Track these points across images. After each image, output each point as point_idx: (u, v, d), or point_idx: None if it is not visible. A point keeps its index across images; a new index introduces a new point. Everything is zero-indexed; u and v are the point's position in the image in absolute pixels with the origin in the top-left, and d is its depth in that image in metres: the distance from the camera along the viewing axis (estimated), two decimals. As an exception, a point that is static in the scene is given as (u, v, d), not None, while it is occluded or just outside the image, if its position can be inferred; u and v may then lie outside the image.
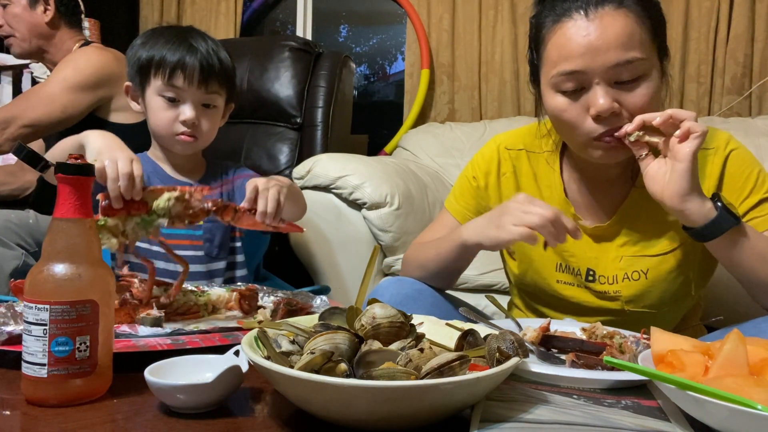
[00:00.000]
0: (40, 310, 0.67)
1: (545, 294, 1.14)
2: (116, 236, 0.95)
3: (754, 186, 1.02)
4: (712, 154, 1.04)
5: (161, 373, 0.69)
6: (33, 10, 1.89)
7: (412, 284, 1.11)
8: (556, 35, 0.96)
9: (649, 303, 1.07)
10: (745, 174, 1.03)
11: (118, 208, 0.96)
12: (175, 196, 0.96)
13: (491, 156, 1.17)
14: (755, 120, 2.27)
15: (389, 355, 0.64)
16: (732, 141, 1.06)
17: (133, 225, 0.96)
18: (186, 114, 1.28)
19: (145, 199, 0.97)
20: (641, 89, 0.93)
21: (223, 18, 3.11)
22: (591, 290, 1.09)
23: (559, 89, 0.97)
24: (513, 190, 1.14)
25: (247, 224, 1.04)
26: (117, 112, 1.82)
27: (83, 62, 1.80)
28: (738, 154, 1.04)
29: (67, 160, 0.71)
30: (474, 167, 1.19)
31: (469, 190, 1.19)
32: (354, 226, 1.85)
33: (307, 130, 2.23)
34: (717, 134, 1.07)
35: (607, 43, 0.91)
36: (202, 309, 1.04)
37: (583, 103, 0.95)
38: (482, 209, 1.16)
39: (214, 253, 1.33)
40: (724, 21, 2.45)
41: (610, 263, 1.07)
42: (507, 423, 0.61)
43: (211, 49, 1.30)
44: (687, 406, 0.63)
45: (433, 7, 2.82)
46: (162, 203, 0.96)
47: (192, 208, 0.98)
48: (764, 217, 1.01)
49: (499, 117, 2.68)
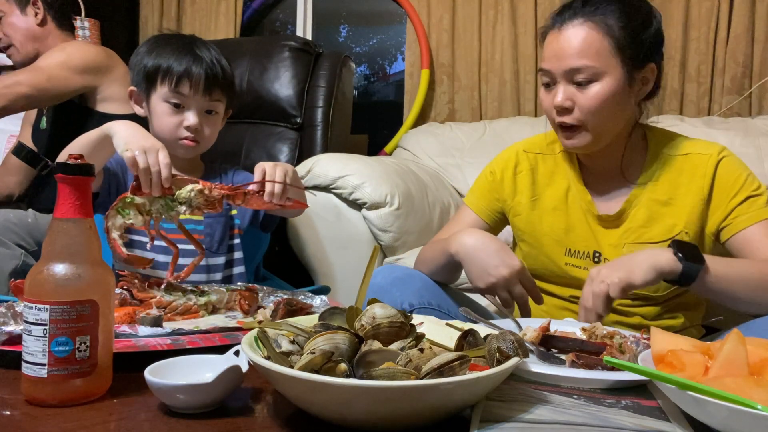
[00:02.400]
0: (40, 310, 0.67)
1: (554, 275, 1.25)
2: (142, 214, 1.06)
3: (742, 186, 1.14)
4: (706, 159, 1.16)
5: (161, 373, 0.69)
6: (25, 15, 1.92)
7: (404, 269, 1.21)
8: (546, 41, 1.16)
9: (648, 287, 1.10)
10: (734, 176, 1.14)
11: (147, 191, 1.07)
12: (198, 188, 1.08)
13: (509, 156, 1.32)
14: (755, 120, 2.26)
15: (389, 355, 0.64)
16: (725, 150, 1.18)
17: (158, 206, 1.08)
18: (190, 120, 1.33)
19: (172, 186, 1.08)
20: (590, 91, 1.10)
21: (223, 18, 3.11)
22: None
23: (542, 83, 1.17)
24: (528, 187, 1.27)
25: (257, 205, 1.15)
26: (104, 102, 1.87)
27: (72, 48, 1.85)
28: (729, 161, 1.16)
29: (67, 160, 0.71)
30: (493, 165, 1.34)
31: (485, 184, 1.33)
32: (354, 226, 1.85)
33: (307, 130, 2.23)
34: (713, 144, 1.20)
35: (565, 51, 1.11)
36: (202, 309, 1.04)
37: (552, 95, 1.14)
38: (497, 201, 1.30)
39: (213, 247, 1.36)
40: (724, 21, 2.44)
41: (614, 249, 1.18)
42: (507, 423, 0.61)
43: (214, 58, 1.36)
44: (687, 406, 0.63)
45: (433, 7, 2.81)
46: (185, 193, 1.08)
47: (209, 199, 1.09)
48: (750, 213, 1.11)
49: (499, 117, 2.67)
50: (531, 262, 1.26)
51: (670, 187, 1.17)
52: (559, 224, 1.23)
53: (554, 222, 1.24)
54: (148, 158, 1.06)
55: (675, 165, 1.18)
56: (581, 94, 1.10)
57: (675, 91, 2.52)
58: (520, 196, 1.27)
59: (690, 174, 1.16)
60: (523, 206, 1.27)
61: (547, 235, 1.24)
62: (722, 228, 1.14)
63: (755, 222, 1.11)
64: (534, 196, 1.26)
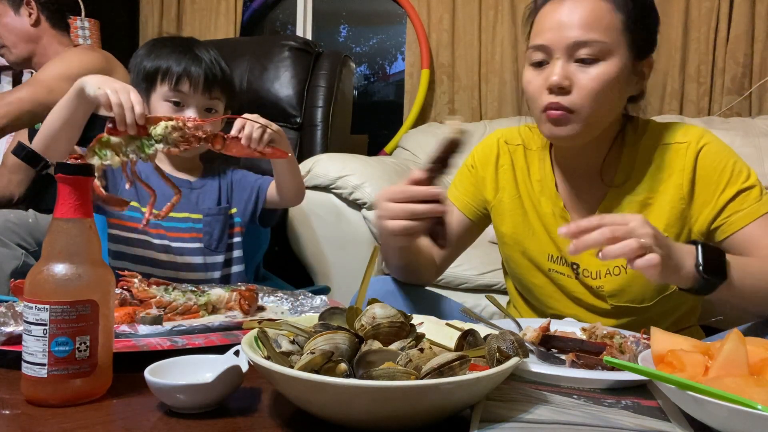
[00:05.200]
0: (40, 310, 0.67)
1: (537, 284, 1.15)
2: (118, 155, 1.05)
3: (729, 178, 1.01)
4: (684, 149, 1.04)
5: (161, 373, 0.69)
6: (19, 16, 1.92)
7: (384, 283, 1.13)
8: (539, 15, 1.02)
9: (632, 297, 1.08)
10: (720, 167, 1.02)
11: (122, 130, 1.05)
12: (172, 124, 1.06)
13: (491, 148, 1.20)
14: (755, 120, 2.27)
15: (389, 355, 0.64)
16: (706, 135, 1.06)
17: (134, 147, 1.06)
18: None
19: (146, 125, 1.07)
20: (594, 70, 0.97)
21: (223, 18, 3.11)
22: (580, 281, 1.11)
23: (530, 62, 1.02)
24: (510, 183, 1.16)
25: (236, 151, 1.12)
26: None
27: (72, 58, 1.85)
28: (710, 149, 1.04)
29: (67, 161, 0.71)
30: (473, 157, 1.22)
31: (468, 177, 1.21)
32: (354, 226, 1.85)
33: (306, 130, 2.23)
34: (691, 129, 1.07)
35: (571, 22, 0.97)
36: (202, 309, 1.04)
37: (545, 75, 0.99)
38: (480, 197, 1.19)
39: (213, 245, 1.36)
40: (724, 21, 2.45)
41: (592, 258, 1.07)
42: (507, 423, 0.61)
43: (213, 58, 1.37)
44: (687, 406, 0.63)
45: (433, 7, 2.82)
46: (160, 130, 1.06)
47: (186, 135, 1.07)
48: (745, 211, 1.00)
49: (499, 117, 2.68)
50: (514, 266, 1.18)
51: (650, 184, 1.05)
52: (538, 227, 1.13)
53: (534, 224, 1.13)
54: (121, 96, 1.06)
55: (653, 158, 1.05)
56: (582, 73, 0.97)
57: (675, 91, 2.52)
58: (503, 193, 1.17)
59: (668, 168, 1.05)
60: (506, 204, 1.16)
61: (528, 238, 1.14)
62: (715, 228, 1.03)
63: (753, 220, 1.00)
64: (517, 194, 1.16)
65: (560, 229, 0.85)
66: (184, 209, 1.35)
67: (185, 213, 1.35)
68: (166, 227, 1.32)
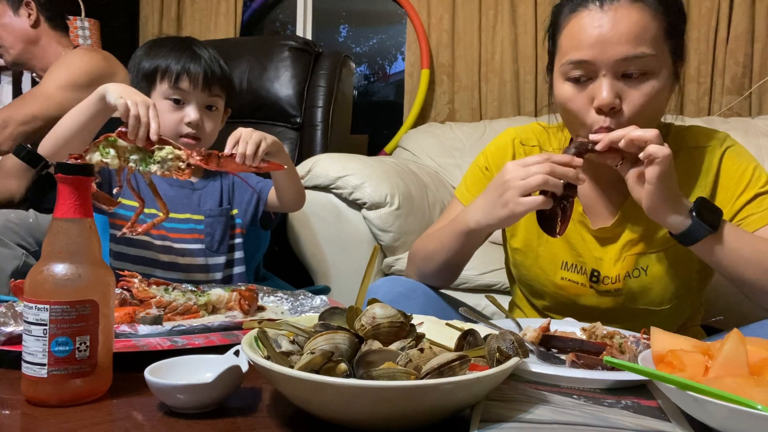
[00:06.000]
0: (40, 310, 0.67)
1: (547, 292, 1.13)
2: (120, 158, 1.07)
3: (749, 181, 1.02)
4: (709, 152, 1.05)
5: (161, 373, 0.69)
6: (18, 16, 1.92)
7: (405, 282, 1.11)
8: (570, 24, 0.96)
9: (650, 300, 1.07)
10: (741, 170, 1.03)
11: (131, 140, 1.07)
12: (177, 153, 1.08)
13: (505, 149, 1.17)
14: (755, 120, 2.27)
15: (389, 355, 0.64)
16: (729, 139, 1.06)
17: (136, 157, 1.08)
18: (191, 116, 1.34)
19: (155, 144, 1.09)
20: (645, 86, 0.93)
21: (223, 18, 3.11)
22: (595, 290, 1.09)
23: (567, 77, 0.97)
24: None
25: (232, 168, 1.14)
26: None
27: (75, 63, 1.85)
28: (733, 151, 1.04)
29: (67, 161, 0.71)
30: (487, 158, 1.19)
31: (481, 179, 1.17)
32: (354, 226, 1.85)
33: (306, 130, 2.23)
34: (714, 133, 1.08)
35: (617, 36, 0.91)
36: (202, 309, 1.04)
37: (589, 93, 0.95)
38: None
39: (214, 247, 1.36)
40: (724, 21, 2.44)
41: (613, 264, 1.07)
42: (507, 423, 0.61)
43: (212, 56, 1.38)
44: (687, 406, 0.63)
45: (433, 7, 2.82)
46: (164, 153, 1.08)
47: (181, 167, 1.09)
48: (761, 213, 1.00)
49: (499, 117, 2.68)
50: (524, 274, 1.16)
51: None
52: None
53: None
54: (140, 109, 1.07)
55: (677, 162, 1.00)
56: (632, 89, 0.92)
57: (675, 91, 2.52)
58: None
59: (692, 171, 1.04)
60: None
61: (542, 245, 1.11)
62: None
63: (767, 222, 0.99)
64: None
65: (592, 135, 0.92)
66: (186, 210, 1.35)
67: (187, 214, 1.35)
68: (167, 228, 1.32)
